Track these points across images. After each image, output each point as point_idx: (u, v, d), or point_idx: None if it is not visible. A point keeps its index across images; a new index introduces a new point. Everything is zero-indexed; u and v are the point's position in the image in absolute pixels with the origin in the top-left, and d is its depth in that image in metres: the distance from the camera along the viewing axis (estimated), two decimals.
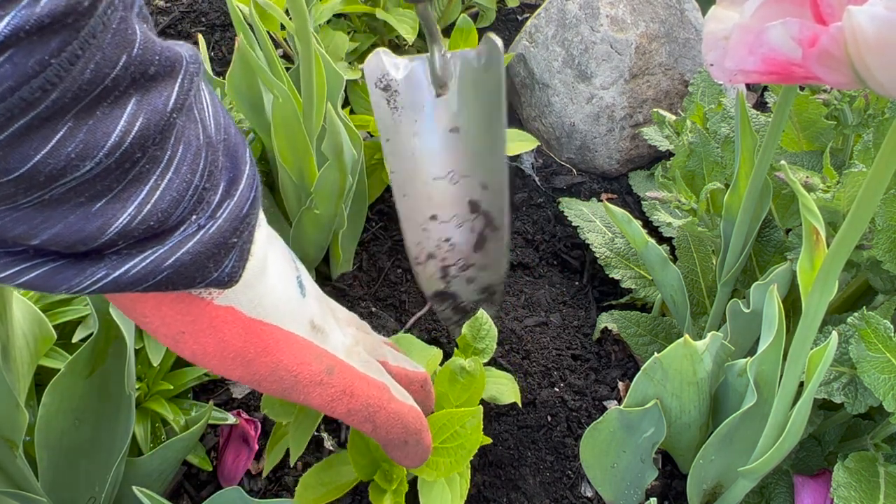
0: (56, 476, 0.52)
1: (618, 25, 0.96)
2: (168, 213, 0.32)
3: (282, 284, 0.41)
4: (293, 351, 0.40)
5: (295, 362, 0.41)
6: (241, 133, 0.37)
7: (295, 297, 0.41)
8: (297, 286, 0.42)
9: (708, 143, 0.73)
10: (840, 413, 0.62)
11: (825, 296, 0.45)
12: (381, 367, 0.47)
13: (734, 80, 0.31)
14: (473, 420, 0.53)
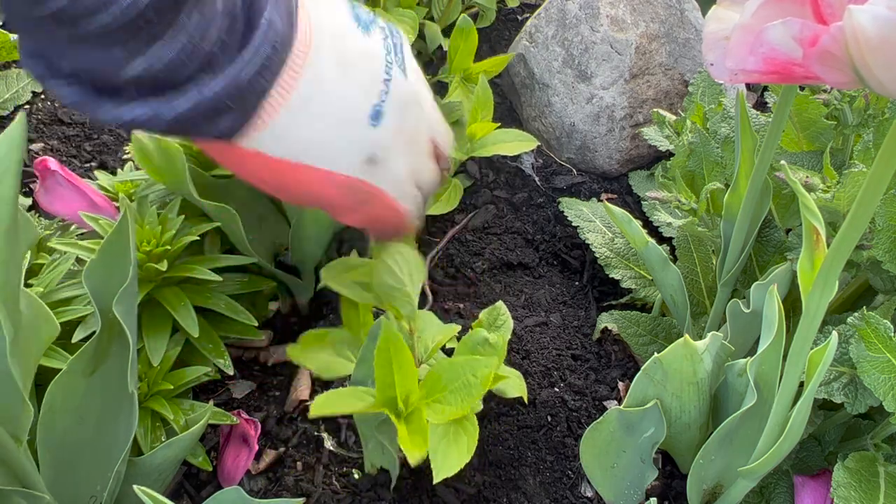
0: (57, 474, 0.52)
1: (618, 25, 0.96)
2: (173, 70, 0.36)
3: (331, 126, 0.42)
4: (327, 187, 0.44)
5: (329, 195, 0.44)
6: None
7: (351, 133, 0.43)
8: (370, 114, 0.43)
9: (708, 143, 0.73)
10: (840, 413, 0.62)
11: (825, 296, 0.45)
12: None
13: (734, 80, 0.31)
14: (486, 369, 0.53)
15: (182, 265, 0.64)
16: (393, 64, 0.44)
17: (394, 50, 0.45)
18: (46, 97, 0.97)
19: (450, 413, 0.53)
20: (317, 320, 0.81)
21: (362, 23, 0.44)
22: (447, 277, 0.85)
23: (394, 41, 0.45)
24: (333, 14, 0.43)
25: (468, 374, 0.54)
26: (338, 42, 0.42)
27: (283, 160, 0.42)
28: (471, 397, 0.53)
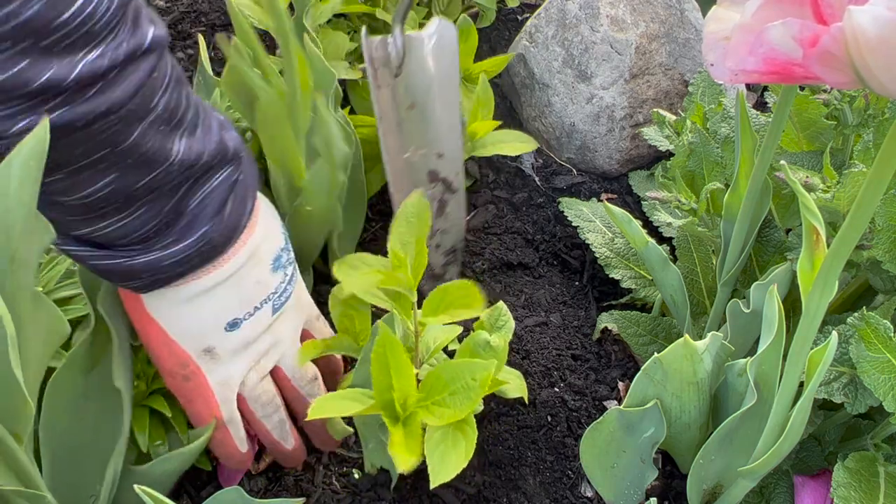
0: (57, 473, 0.52)
1: (618, 25, 0.96)
2: (112, 240, 0.47)
3: (200, 313, 0.53)
4: (163, 349, 0.54)
5: (161, 355, 0.54)
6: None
7: (208, 326, 0.54)
8: (229, 326, 0.55)
9: (708, 143, 0.73)
10: (840, 413, 0.62)
11: (825, 296, 0.45)
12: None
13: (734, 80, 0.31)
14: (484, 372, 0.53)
15: None
16: (270, 302, 0.56)
17: (280, 294, 0.57)
18: None
19: (449, 416, 0.53)
20: None
21: (276, 264, 0.56)
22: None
23: (287, 287, 0.58)
24: (266, 246, 0.56)
25: (468, 376, 0.54)
26: (249, 265, 0.54)
27: (151, 316, 0.53)
28: (470, 401, 0.53)
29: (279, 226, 0.58)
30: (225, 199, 0.50)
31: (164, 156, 0.45)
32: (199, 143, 0.47)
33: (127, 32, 0.41)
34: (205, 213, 0.49)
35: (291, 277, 0.58)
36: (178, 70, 0.46)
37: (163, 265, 0.48)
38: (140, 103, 0.42)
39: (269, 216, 0.57)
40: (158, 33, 0.43)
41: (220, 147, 0.49)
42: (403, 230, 0.57)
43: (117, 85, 0.40)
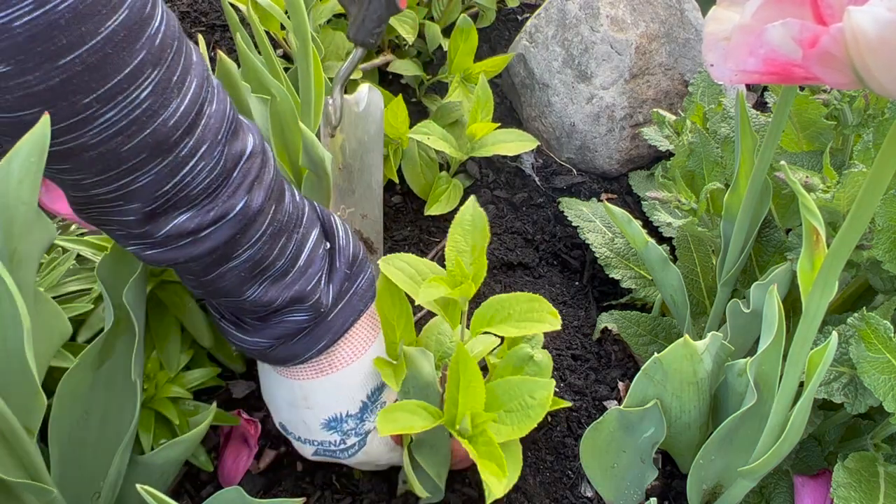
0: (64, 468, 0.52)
1: (618, 25, 0.96)
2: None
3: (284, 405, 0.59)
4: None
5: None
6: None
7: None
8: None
9: (708, 143, 0.73)
10: (840, 413, 0.62)
11: (825, 296, 0.45)
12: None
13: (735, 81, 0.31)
14: (544, 391, 0.52)
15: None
16: (313, 448, 0.58)
17: (323, 454, 0.59)
18: None
19: (506, 433, 0.52)
20: None
21: (330, 426, 0.57)
22: None
23: (339, 452, 0.58)
24: (322, 406, 0.57)
25: (525, 395, 0.52)
26: (302, 404, 0.57)
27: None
28: (529, 419, 0.52)
29: (361, 391, 0.57)
30: (288, 334, 0.52)
31: (238, 293, 0.49)
32: (277, 290, 0.50)
33: (223, 198, 0.45)
34: (269, 332, 0.52)
35: (350, 448, 0.58)
36: (282, 222, 0.49)
37: (231, 340, 0.54)
38: (220, 255, 0.46)
39: (353, 379, 0.56)
40: (255, 200, 0.46)
41: (300, 295, 0.51)
42: (459, 238, 0.56)
43: (201, 243, 0.45)
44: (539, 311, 0.54)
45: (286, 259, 0.50)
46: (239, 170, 0.45)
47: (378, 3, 0.61)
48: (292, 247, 0.50)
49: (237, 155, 0.45)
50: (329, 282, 0.53)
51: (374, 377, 0.57)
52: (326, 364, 0.55)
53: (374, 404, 0.58)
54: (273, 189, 0.48)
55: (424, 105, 1.00)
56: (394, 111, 0.83)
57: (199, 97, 0.42)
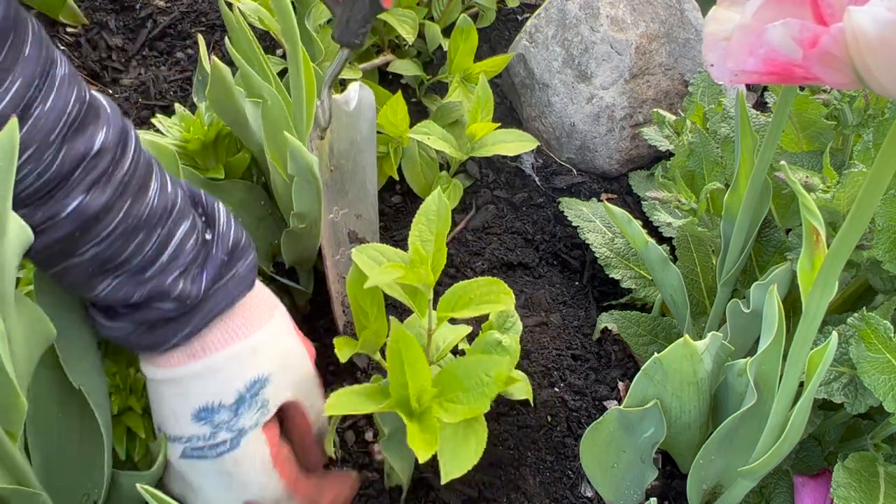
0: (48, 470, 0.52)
1: (618, 25, 0.96)
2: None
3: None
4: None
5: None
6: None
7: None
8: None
9: (708, 143, 0.73)
10: (840, 413, 0.62)
11: (825, 296, 0.45)
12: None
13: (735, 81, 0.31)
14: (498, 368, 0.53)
15: None
16: (179, 442, 0.53)
17: (197, 447, 0.53)
18: None
19: (462, 412, 0.53)
20: (318, 319, 0.81)
21: (201, 416, 0.52)
22: (447, 277, 0.85)
23: (206, 451, 0.53)
24: (195, 390, 0.52)
25: (481, 373, 0.53)
26: (169, 391, 0.52)
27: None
28: (484, 397, 0.53)
29: (236, 382, 0.52)
30: (152, 321, 0.50)
31: (88, 289, 0.47)
32: (132, 287, 0.48)
33: (55, 199, 0.42)
34: (131, 318, 0.49)
35: (219, 446, 0.52)
36: (141, 217, 0.46)
37: (100, 329, 0.51)
38: (58, 251, 0.44)
39: (229, 365, 0.52)
40: (97, 199, 0.44)
41: (159, 290, 0.48)
42: (424, 227, 0.57)
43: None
44: (496, 293, 0.56)
45: (144, 255, 0.47)
46: (80, 169, 0.42)
47: (362, 3, 0.61)
48: (153, 242, 0.47)
49: (79, 155, 0.42)
50: (201, 271, 0.50)
51: (255, 368, 0.53)
52: (199, 348, 0.51)
53: (253, 399, 0.53)
54: (127, 184, 0.45)
55: (424, 105, 1.00)
56: (393, 108, 0.82)
57: (24, 98, 0.39)
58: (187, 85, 1.00)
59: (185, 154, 0.70)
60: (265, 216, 0.76)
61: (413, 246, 0.56)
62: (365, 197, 0.76)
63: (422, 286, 0.55)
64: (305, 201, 0.68)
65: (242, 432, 0.53)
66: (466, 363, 0.55)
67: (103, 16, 1.07)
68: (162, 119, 0.71)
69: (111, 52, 1.04)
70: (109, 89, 1.01)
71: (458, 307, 0.57)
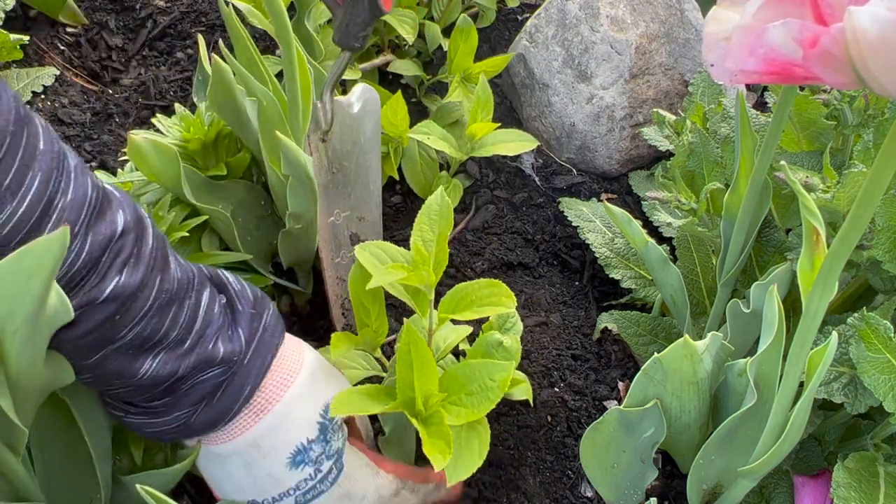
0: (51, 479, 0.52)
1: (618, 25, 0.96)
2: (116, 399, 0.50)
3: (229, 481, 0.54)
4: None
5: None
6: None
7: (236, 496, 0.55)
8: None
9: (708, 143, 0.73)
10: (840, 413, 0.62)
11: (825, 296, 0.45)
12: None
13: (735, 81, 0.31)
14: (503, 373, 0.53)
15: None
16: (292, 497, 0.53)
17: (307, 490, 0.53)
18: (46, 97, 0.97)
19: (466, 415, 0.53)
20: (318, 319, 0.81)
21: (297, 460, 0.53)
22: (447, 277, 0.85)
23: (317, 486, 0.54)
24: (279, 440, 0.52)
25: (485, 377, 0.53)
26: (257, 455, 0.52)
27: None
28: (488, 401, 0.53)
29: (311, 412, 0.54)
30: (206, 395, 0.50)
31: (130, 373, 0.46)
32: (177, 361, 0.47)
33: (91, 284, 0.42)
34: (184, 401, 0.49)
35: (328, 474, 0.54)
36: (172, 291, 0.46)
37: (146, 431, 0.51)
38: (98, 337, 0.44)
39: (297, 405, 0.53)
40: (133, 277, 0.44)
41: (205, 357, 0.48)
42: (426, 227, 0.57)
43: (71, 328, 0.42)
44: (497, 296, 0.57)
45: (180, 328, 0.47)
46: (108, 252, 0.43)
47: (362, 7, 0.61)
48: (185, 313, 0.47)
49: (105, 239, 0.43)
50: (235, 329, 0.51)
51: (320, 395, 0.54)
52: (263, 402, 0.52)
53: (333, 422, 0.54)
54: (155, 259, 0.46)
55: (424, 105, 1.00)
56: (393, 108, 0.82)
57: (46, 193, 0.40)
58: (187, 85, 1.00)
59: (186, 154, 0.70)
60: (265, 216, 0.76)
61: (415, 246, 0.56)
62: (368, 199, 0.76)
63: (423, 287, 0.55)
64: (300, 202, 0.68)
65: (340, 453, 0.55)
66: (470, 367, 0.55)
67: (103, 16, 1.07)
68: (162, 119, 0.71)
69: (111, 52, 1.04)
70: (109, 89, 1.01)
71: (459, 308, 0.57)
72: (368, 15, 0.61)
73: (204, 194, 0.69)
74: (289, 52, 0.62)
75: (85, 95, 0.99)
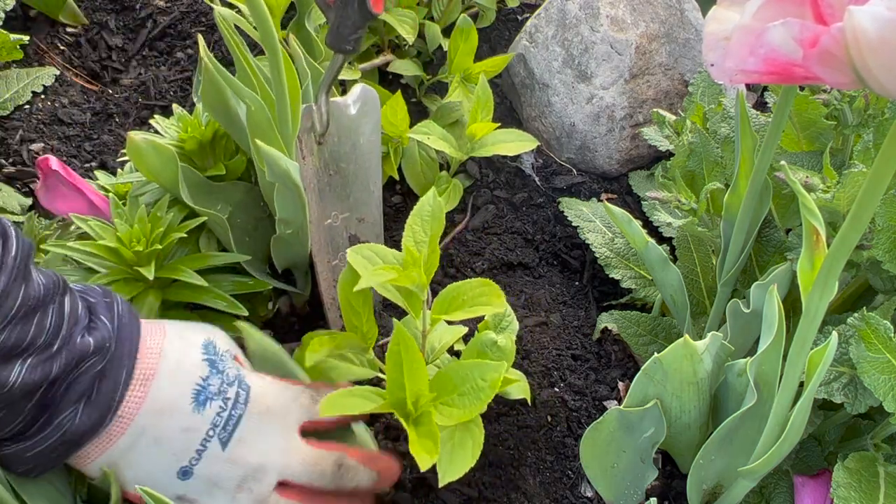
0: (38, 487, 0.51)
1: (618, 25, 0.96)
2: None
3: (146, 472, 0.52)
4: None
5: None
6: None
7: (161, 480, 0.52)
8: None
9: (708, 143, 0.73)
10: (840, 413, 0.62)
11: (825, 296, 0.45)
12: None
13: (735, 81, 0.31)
14: (495, 373, 0.53)
15: (170, 265, 0.64)
16: (213, 437, 0.52)
17: (223, 423, 0.53)
18: (46, 97, 0.97)
19: (458, 416, 0.53)
20: (317, 320, 0.81)
21: (201, 399, 0.52)
22: (447, 277, 0.85)
23: (231, 413, 0.53)
24: (175, 393, 0.52)
25: (477, 377, 0.54)
26: (163, 420, 0.51)
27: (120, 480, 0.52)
28: (479, 401, 0.53)
29: (195, 354, 0.54)
30: (85, 390, 0.48)
31: (1, 384, 0.44)
32: (48, 363, 0.46)
33: None
34: (62, 405, 0.48)
35: (237, 399, 0.53)
36: (38, 297, 0.45)
37: (26, 456, 0.48)
38: None
39: (178, 356, 0.53)
40: None
41: (76, 353, 0.47)
42: (418, 228, 0.57)
43: None
44: (488, 295, 0.57)
45: (47, 333, 0.46)
46: None
47: (352, 9, 0.61)
48: (51, 318, 0.46)
49: None
50: (97, 318, 0.50)
51: (193, 338, 0.54)
52: (144, 372, 0.51)
53: (219, 354, 0.54)
54: (18, 268, 0.44)
55: (424, 105, 1.00)
56: (393, 108, 0.82)
57: None
58: (187, 85, 1.00)
59: (184, 154, 0.70)
60: (263, 218, 0.76)
61: (406, 247, 0.56)
62: (368, 200, 0.75)
63: (415, 287, 0.55)
64: (287, 207, 0.68)
65: (240, 377, 0.55)
66: (462, 367, 0.55)
67: (103, 16, 1.07)
68: (160, 120, 0.71)
69: (111, 52, 1.04)
70: (109, 89, 1.01)
71: (451, 309, 0.57)
72: (359, 17, 0.60)
73: (202, 195, 0.69)
74: (274, 56, 0.62)
75: (85, 95, 0.99)
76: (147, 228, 0.62)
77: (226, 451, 0.53)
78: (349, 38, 0.61)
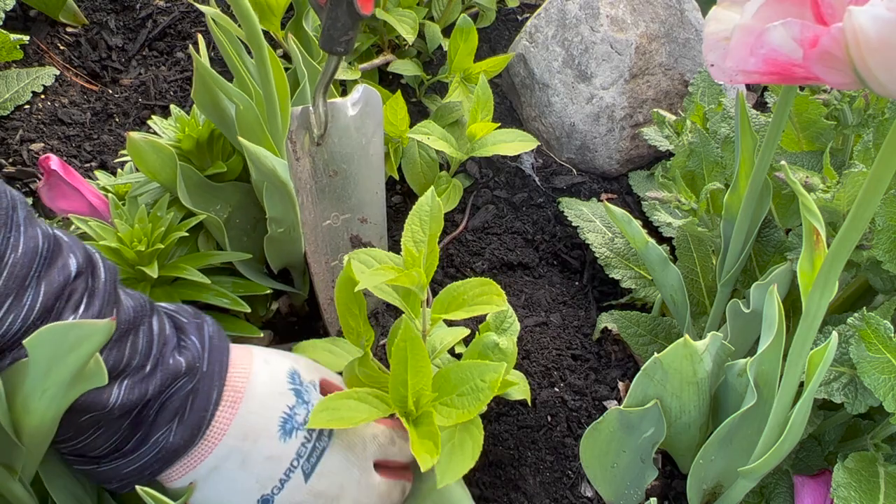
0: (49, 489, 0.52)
1: (618, 25, 0.96)
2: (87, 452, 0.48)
3: (228, 496, 0.53)
4: None
5: None
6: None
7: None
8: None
9: (708, 143, 0.73)
10: (840, 413, 0.62)
11: (825, 296, 0.45)
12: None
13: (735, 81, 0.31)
14: (494, 374, 0.53)
15: (172, 264, 0.64)
16: (297, 468, 0.52)
17: (308, 455, 0.53)
18: (46, 97, 0.97)
19: (457, 416, 0.53)
20: (316, 320, 0.81)
21: (287, 429, 0.52)
22: (447, 277, 0.85)
23: (316, 445, 0.53)
24: (263, 419, 0.52)
25: (477, 378, 0.53)
26: (248, 445, 0.51)
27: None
28: (479, 402, 0.53)
29: (282, 381, 0.54)
30: (178, 408, 0.49)
31: (101, 405, 0.45)
32: (143, 383, 0.47)
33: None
34: (158, 423, 0.49)
35: (321, 431, 0.54)
36: (129, 320, 0.46)
37: (123, 472, 0.49)
38: None
39: (265, 383, 0.53)
40: (89, 315, 0.44)
41: (169, 373, 0.48)
42: (417, 228, 0.57)
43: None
44: (488, 294, 0.56)
45: (141, 354, 0.47)
46: (61, 298, 0.43)
47: (340, 11, 0.61)
48: (143, 339, 0.47)
49: (59, 286, 0.43)
50: (187, 338, 0.51)
51: (281, 367, 0.55)
52: (232, 395, 0.51)
53: (304, 385, 0.55)
54: (110, 293, 0.46)
55: (424, 105, 1.00)
56: (393, 108, 0.82)
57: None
58: (187, 85, 1.00)
59: (182, 154, 0.70)
60: (261, 218, 0.76)
61: (406, 247, 0.55)
62: (372, 201, 0.75)
63: (415, 287, 0.55)
64: (276, 206, 0.68)
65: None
66: (462, 367, 0.54)
67: (103, 16, 1.07)
68: (157, 120, 0.71)
69: (111, 52, 1.04)
70: (109, 89, 1.01)
71: (451, 308, 0.57)
72: (348, 19, 0.60)
73: (202, 195, 0.69)
74: (261, 55, 0.62)
75: (85, 95, 0.99)
76: (148, 228, 0.62)
77: (308, 483, 0.53)
78: (340, 39, 0.61)
